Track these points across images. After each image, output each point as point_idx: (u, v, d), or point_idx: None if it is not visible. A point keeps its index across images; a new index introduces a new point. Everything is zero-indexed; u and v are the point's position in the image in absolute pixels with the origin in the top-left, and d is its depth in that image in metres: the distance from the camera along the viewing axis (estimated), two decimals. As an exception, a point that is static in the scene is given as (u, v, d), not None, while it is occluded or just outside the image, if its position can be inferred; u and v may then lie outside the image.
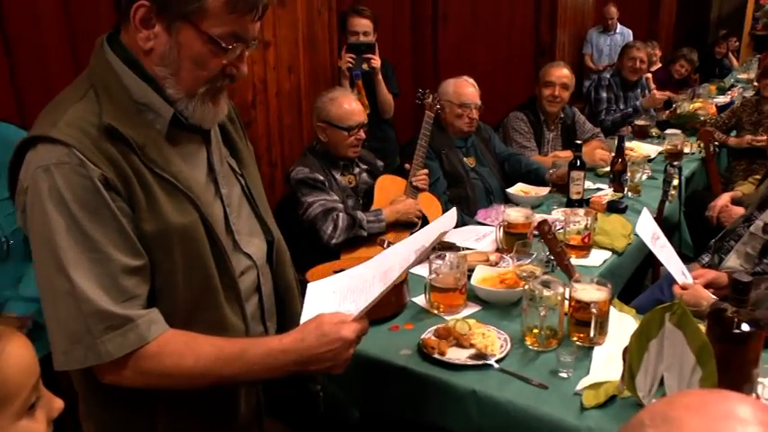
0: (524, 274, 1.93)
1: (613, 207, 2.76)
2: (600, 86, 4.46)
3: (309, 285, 1.42)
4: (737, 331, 1.42)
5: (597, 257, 2.30)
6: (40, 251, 1.13)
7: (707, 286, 2.03)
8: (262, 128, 3.14)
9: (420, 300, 1.99)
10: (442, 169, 3.12)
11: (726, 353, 1.42)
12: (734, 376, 1.42)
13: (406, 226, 2.73)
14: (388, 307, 1.90)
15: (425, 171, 2.85)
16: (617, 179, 2.95)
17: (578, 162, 2.76)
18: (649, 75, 5.19)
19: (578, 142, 2.88)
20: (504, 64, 5.31)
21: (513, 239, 2.24)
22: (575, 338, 1.73)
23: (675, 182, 2.60)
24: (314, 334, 1.21)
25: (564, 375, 1.60)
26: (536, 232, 2.20)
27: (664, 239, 2.21)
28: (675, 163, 2.67)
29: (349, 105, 2.68)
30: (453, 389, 1.59)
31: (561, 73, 3.58)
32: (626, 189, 2.97)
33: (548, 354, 1.68)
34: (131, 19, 1.15)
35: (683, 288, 2.00)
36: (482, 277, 2.01)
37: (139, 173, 1.14)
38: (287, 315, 1.47)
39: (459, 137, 3.20)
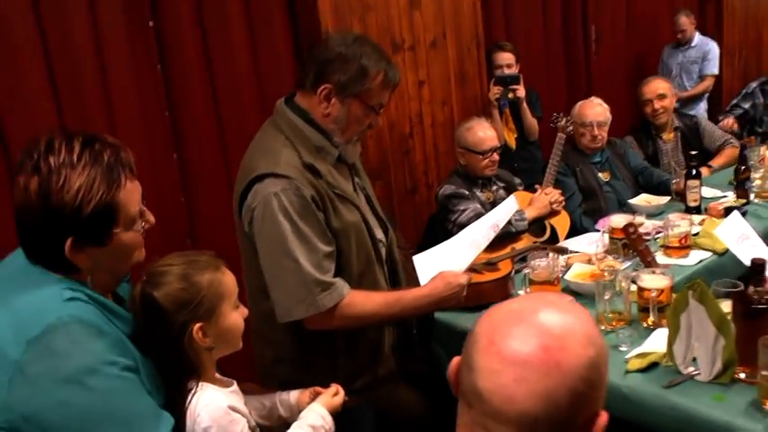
0: (605, 268, 2.30)
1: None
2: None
3: (415, 258, 2.04)
4: (756, 307, 1.72)
5: (695, 257, 2.58)
6: (270, 245, 1.77)
7: None
8: (419, 155, 3.74)
9: (522, 293, 2.43)
10: (577, 184, 3.49)
11: (747, 326, 1.73)
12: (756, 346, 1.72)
13: (539, 231, 3.15)
14: (494, 296, 2.37)
15: (558, 191, 3.24)
16: (741, 186, 3.12)
17: (693, 171, 3.01)
18: None
19: (693, 153, 3.12)
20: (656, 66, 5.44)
21: (616, 242, 2.59)
22: (641, 321, 2.08)
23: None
24: (442, 284, 1.93)
25: (623, 349, 1.97)
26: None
27: (756, 240, 2.44)
28: (792, 171, 2.80)
29: (483, 133, 3.17)
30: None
31: (655, 86, 3.83)
32: (752, 195, 3.12)
33: (615, 333, 2.05)
34: (317, 94, 1.79)
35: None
36: (576, 273, 2.40)
37: (327, 192, 1.80)
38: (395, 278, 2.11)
39: (592, 153, 3.55)
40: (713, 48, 5.13)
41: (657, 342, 1.95)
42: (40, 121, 2.59)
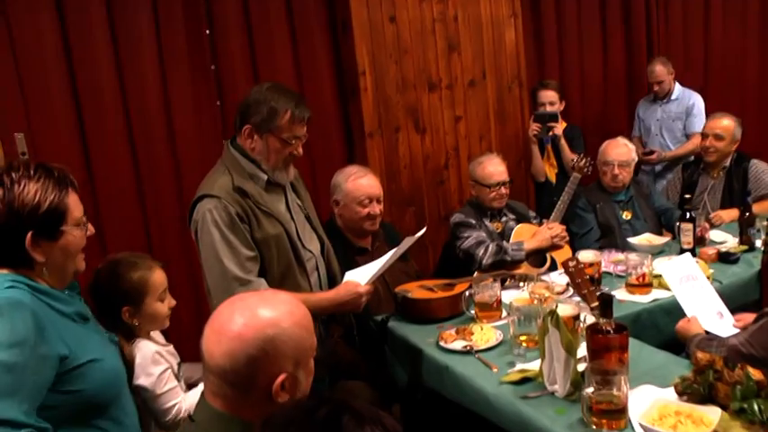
0: (536, 296, 2.50)
1: (725, 258, 2.98)
2: None
3: (347, 274, 2.43)
4: (601, 330, 1.91)
5: (652, 296, 2.67)
6: (205, 249, 2.24)
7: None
8: (454, 185, 4.05)
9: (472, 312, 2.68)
10: (596, 220, 3.61)
11: (598, 344, 1.92)
12: (608, 359, 1.90)
13: (539, 262, 3.34)
14: (443, 311, 2.65)
15: (562, 227, 3.40)
16: (744, 232, 3.10)
17: (687, 215, 3.06)
18: None
19: (686, 197, 3.15)
20: (756, 110, 5.24)
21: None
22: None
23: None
24: (344, 290, 2.31)
25: (518, 365, 2.19)
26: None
27: (703, 282, 2.52)
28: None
29: (492, 168, 3.41)
30: (440, 364, 2.31)
31: (714, 124, 3.78)
32: (757, 242, 3.08)
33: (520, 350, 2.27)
34: (243, 134, 2.26)
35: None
36: (517, 298, 2.62)
37: (252, 208, 2.23)
38: (333, 285, 2.47)
39: (614, 192, 3.65)
40: (697, 101, 4.51)
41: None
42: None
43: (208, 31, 3.49)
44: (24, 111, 3.13)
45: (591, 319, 2.34)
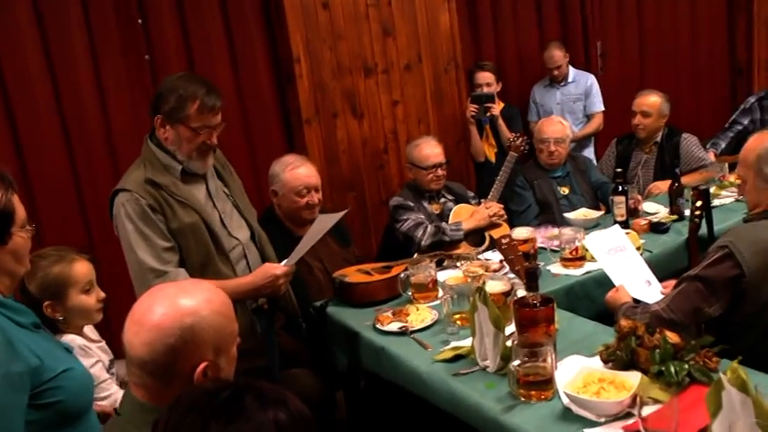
0: (469, 274, 2.54)
1: (656, 228, 3.06)
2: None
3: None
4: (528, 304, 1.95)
5: (586, 269, 2.73)
6: (123, 243, 2.23)
7: None
8: (394, 168, 4.06)
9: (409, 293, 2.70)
10: (534, 197, 3.68)
11: (524, 317, 1.96)
12: (534, 332, 1.93)
13: (478, 241, 3.38)
14: (380, 294, 2.67)
15: (500, 206, 3.45)
16: (674, 202, 3.20)
17: (619, 188, 3.13)
18: None
19: (618, 171, 3.24)
20: (691, 86, 5.38)
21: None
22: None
23: (699, 203, 2.78)
24: (259, 275, 2.25)
25: (452, 343, 2.22)
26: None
27: (631, 252, 2.59)
28: (702, 186, 2.84)
29: (429, 150, 3.43)
30: (376, 346, 2.33)
31: (641, 101, 3.88)
32: (686, 211, 3.17)
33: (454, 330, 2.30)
34: (155, 124, 2.22)
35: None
36: (451, 276, 2.65)
37: (166, 198, 2.20)
38: None
39: (551, 168, 3.71)
40: (594, 81, 4.57)
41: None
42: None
43: (140, 21, 3.42)
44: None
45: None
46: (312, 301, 2.80)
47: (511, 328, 2.06)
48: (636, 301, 2.34)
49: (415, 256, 3.26)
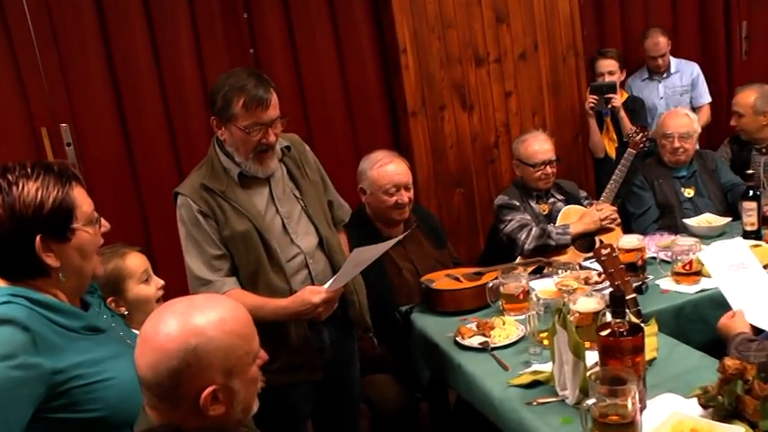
0: (562, 288, 2.31)
1: (792, 240, 2.67)
2: None
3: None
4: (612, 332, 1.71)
5: (701, 286, 2.42)
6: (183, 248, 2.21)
7: None
8: (505, 164, 3.84)
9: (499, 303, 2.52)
10: (654, 199, 3.34)
11: (607, 346, 1.73)
12: (618, 365, 1.69)
13: (588, 247, 3.12)
14: (469, 302, 2.51)
15: (613, 209, 3.15)
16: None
17: (750, 192, 2.74)
18: None
19: (750, 172, 2.82)
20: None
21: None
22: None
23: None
24: (297, 301, 2.11)
25: (533, 365, 2.03)
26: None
27: (756, 270, 2.26)
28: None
29: (537, 146, 3.20)
30: (454, 361, 2.18)
31: (735, 98, 3.47)
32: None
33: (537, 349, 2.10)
34: (212, 126, 2.16)
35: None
36: (542, 290, 2.43)
37: (220, 204, 2.14)
38: None
39: (675, 167, 3.35)
40: (699, 71, 4.09)
41: (561, 362, 1.98)
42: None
43: (245, 15, 3.44)
44: (68, 102, 3.19)
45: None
46: (399, 304, 2.69)
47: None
48: (756, 331, 2.03)
49: (518, 260, 3.07)
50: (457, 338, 2.26)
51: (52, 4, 3.10)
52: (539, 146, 3.21)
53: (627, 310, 1.84)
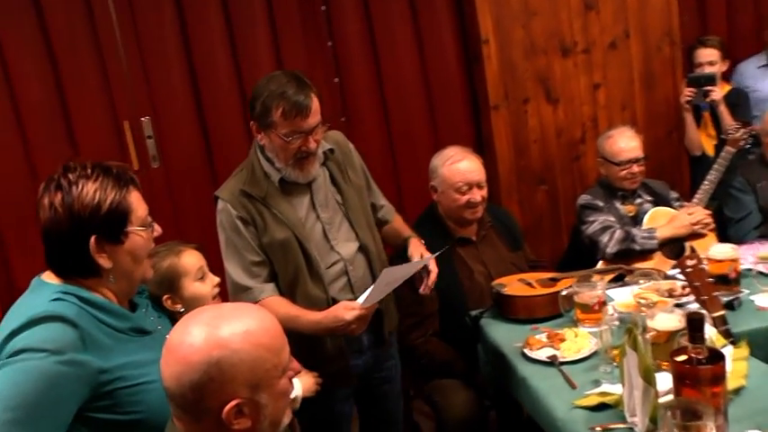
0: (641, 301, 2.14)
1: None
2: None
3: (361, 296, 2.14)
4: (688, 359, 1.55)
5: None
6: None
7: None
8: (591, 161, 3.63)
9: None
10: (756, 203, 3.07)
11: (681, 374, 1.58)
12: (693, 395, 1.54)
13: (677, 253, 2.90)
14: (541, 310, 2.38)
15: (706, 212, 2.92)
16: None
17: None
18: None
19: None
20: None
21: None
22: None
23: None
24: (330, 317, 2.05)
25: (603, 384, 1.89)
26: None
27: None
28: None
29: (623, 143, 3.01)
30: (519, 374, 2.07)
31: None
32: None
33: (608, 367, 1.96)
34: (253, 132, 2.12)
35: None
36: (621, 302, 2.27)
37: (260, 211, 2.11)
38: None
39: (785, 168, 3.07)
40: None
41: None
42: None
43: (323, 7, 3.41)
44: (148, 96, 3.26)
45: (712, 332, 1.98)
46: (470, 308, 2.59)
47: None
48: None
49: (599, 264, 2.90)
50: (525, 350, 2.15)
51: (135, 1, 3.17)
52: (625, 143, 3.02)
53: (713, 330, 1.67)
